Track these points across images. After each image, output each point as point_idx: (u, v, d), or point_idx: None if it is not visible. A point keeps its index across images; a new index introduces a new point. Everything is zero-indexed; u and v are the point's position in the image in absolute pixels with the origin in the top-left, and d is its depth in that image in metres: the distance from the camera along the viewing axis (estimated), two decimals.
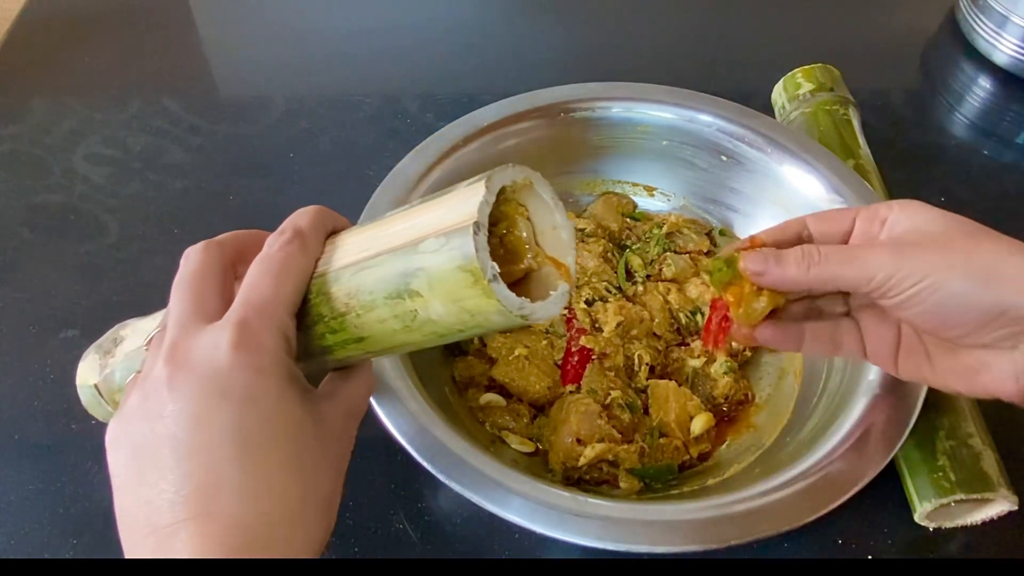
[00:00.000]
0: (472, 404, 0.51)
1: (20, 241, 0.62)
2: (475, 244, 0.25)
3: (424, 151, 0.54)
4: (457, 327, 0.28)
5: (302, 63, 0.77)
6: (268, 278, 0.30)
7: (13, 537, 0.46)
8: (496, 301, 0.26)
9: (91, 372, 0.43)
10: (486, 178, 0.26)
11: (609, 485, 0.48)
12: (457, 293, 0.26)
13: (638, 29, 0.82)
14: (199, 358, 0.28)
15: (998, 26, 0.74)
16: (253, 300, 0.29)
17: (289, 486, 0.28)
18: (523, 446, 0.49)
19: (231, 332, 0.28)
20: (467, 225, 0.26)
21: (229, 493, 0.27)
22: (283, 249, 0.30)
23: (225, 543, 0.27)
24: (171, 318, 0.30)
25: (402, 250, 0.28)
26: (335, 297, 0.30)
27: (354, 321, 0.30)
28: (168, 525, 0.27)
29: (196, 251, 0.32)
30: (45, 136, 0.69)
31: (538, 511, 0.40)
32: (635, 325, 0.53)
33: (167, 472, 0.28)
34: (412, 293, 0.27)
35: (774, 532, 0.39)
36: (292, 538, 0.28)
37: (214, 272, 0.31)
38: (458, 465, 0.41)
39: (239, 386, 0.28)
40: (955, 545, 0.47)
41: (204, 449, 0.28)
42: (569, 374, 0.50)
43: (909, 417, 0.44)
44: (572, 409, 0.48)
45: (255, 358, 0.28)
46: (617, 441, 0.47)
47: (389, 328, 0.29)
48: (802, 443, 0.45)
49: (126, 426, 0.30)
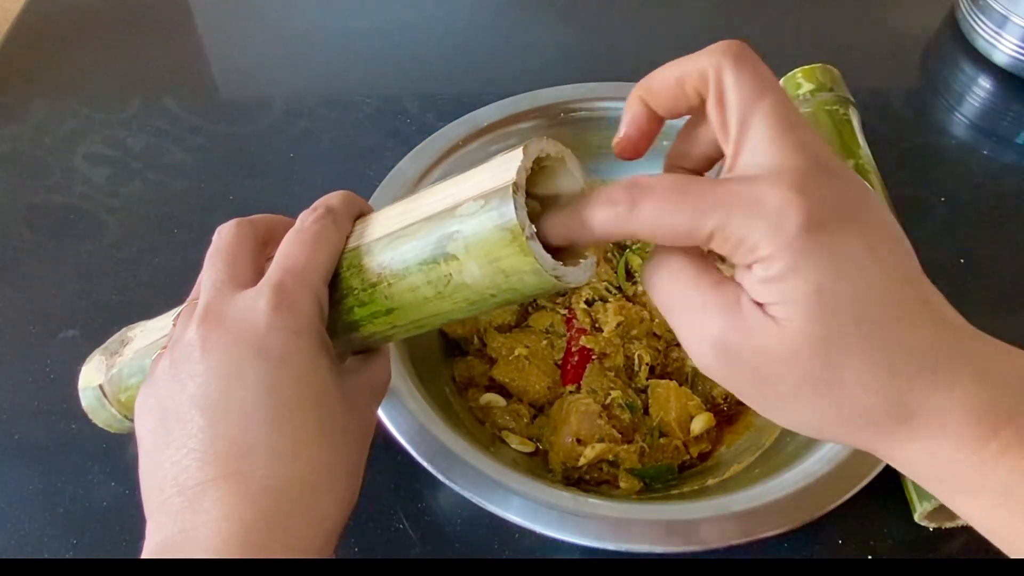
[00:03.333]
0: (472, 404, 0.51)
1: (20, 241, 0.62)
2: (514, 203, 0.26)
3: (424, 151, 0.54)
4: (490, 291, 0.28)
5: (302, 63, 0.77)
6: (303, 248, 0.30)
7: (13, 537, 0.46)
8: (533, 259, 0.26)
9: (96, 373, 0.43)
10: (523, 146, 0.27)
11: (609, 485, 0.48)
12: (494, 253, 0.27)
13: (638, 29, 0.82)
14: (236, 319, 0.29)
15: (998, 26, 0.74)
16: (289, 266, 0.30)
17: (320, 450, 0.28)
18: (523, 446, 0.49)
19: (269, 294, 0.29)
20: (506, 186, 0.26)
21: (262, 453, 0.27)
22: (316, 223, 0.31)
23: (256, 503, 0.27)
24: (205, 285, 0.31)
25: (438, 216, 0.28)
26: (367, 268, 0.30)
27: (385, 291, 0.30)
28: (197, 484, 0.27)
29: (229, 226, 0.33)
30: (45, 136, 0.69)
31: (538, 511, 0.40)
32: (635, 325, 0.53)
33: (197, 431, 0.28)
34: (448, 257, 0.28)
35: (774, 532, 0.39)
36: (321, 502, 0.28)
37: (247, 245, 0.32)
38: (458, 465, 0.41)
39: (275, 346, 0.28)
40: (955, 545, 0.47)
41: (237, 409, 0.28)
42: (569, 374, 0.50)
43: None
44: (572, 409, 0.48)
45: (292, 320, 0.28)
46: (617, 441, 0.47)
47: (420, 296, 0.29)
48: (801, 444, 0.45)
49: (155, 390, 0.30)
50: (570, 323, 0.52)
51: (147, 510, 0.29)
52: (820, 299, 0.23)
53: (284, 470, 0.27)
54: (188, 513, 0.27)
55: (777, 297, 0.23)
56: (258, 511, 0.27)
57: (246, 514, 0.26)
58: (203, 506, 0.27)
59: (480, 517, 0.47)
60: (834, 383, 0.24)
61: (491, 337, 0.52)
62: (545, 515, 0.40)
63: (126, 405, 0.43)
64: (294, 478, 0.27)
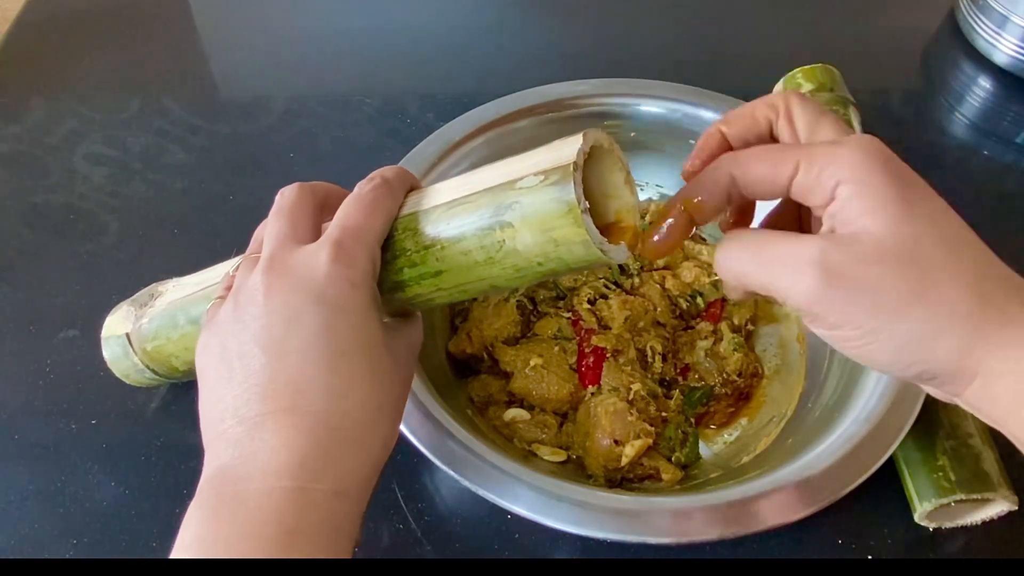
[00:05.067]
0: (496, 423, 0.50)
1: (20, 241, 0.62)
2: (573, 179, 0.29)
3: (424, 151, 0.54)
4: (537, 259, 0.31)
5: (302, 63, 0.77)
6: (360, 211, 0.33)
7: (13, 537, 0.46)
8: (584, 231, 0.29)
9: (123, 322, 0.45)
10: (583, 133, 0.30)
11: (651, 480, 0.48)
12: (549, 223, 0.30)
13: (638, 28, 0.82)
14: (297, 268, 0.31)
15: (998, 26, 0.74)
16: (348, 226, 0.32)
17: (369, 392, 0.31)
18: (556, 456, 0.48)
19: (329, 248, 0.31)
20: (568, 164, 0.29)
21: (318, 390, 0.30)
22: (373, 190, 0.34)
23: (312, 434, 0.29)
24: (268, 238, 0.33)
25: (499, 188, 0.31)
26: (422, 232, 0.33)
27: (437, 254, 0.33)
28: (257, 415, 0.30)
29: (291, 188, 0.35)
30: (45, 136, 0.69)
31: (547, 504, 0.40)
32: (641, 317, 0.52)
33: (259, 368, 0.30)
34: (504, 224, 0.31)
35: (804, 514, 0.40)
36: (368, 438, 0.31)
37: (307, 206, 0.35)
38: (463, 456, 0.41)
39: (333, 295, 0.31)
40: (955, 545, 0.47)
41: (297, 348, 0.30)
42: (587, 375, 0.50)
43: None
44: (601, 411, 0.47)
45: (350, 273, 0.31)
46: (650, 434, 0.47)
47: (471, 260, 0.32)
48: (826, 406, 0.46)
49: (218, 330, 0.32)
50: (577, 325, 0.52)
51: (206, 440, 0.31)
52: (904, 205, 0.27)
53: (338, 406, 0.30)
54: (247, 441, 0.29)
55: (865, 207, 0.27)
56: (313, 441, 0.29)
57: (302, 443, 0.29)
58: (262, 435, 0.29)
59: (482, 517, 0.47)
60: (927, 283, 0.27)
61: (501, 352, 0.51)
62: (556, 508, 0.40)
63: (151, 355, 0.44)
64: (346, 414, 0.30)
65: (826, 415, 0.45)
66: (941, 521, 0.46)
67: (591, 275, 0.55)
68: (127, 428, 0.51)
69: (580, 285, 0.54)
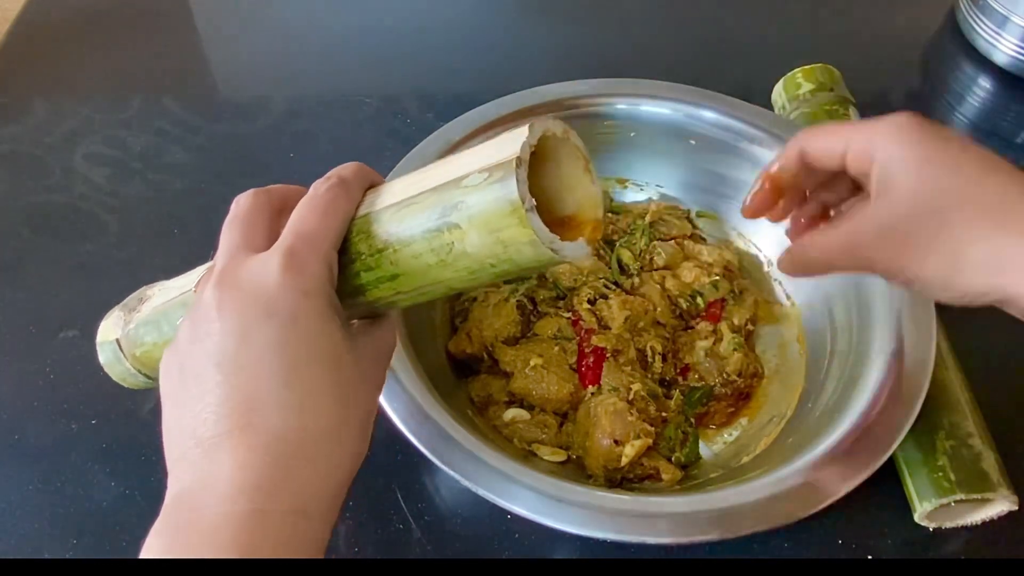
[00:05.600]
0: (496, 423, 0.50)
1: (20, 241, 0.62)
2: (516, 176, 0.28)
3: (424, 151, 0.54)
4: (489, 261, 0.29)
5: (302, 63, 0.77)
6: (315, 214, 0.32)
7: (13, 537, 0.46)
8: (531, 231, 0.28)
9: (114, 328, 0.44)
10: (529, 124, 0.29)
11: (651, 480, 0.48)
12: (495, 223, 0.28)
13: (638, 27, 0.82)
14: (248, 280, 0.30)
15: (998, 26, 0.74)
16: (301, 231, 0.31)
17: (329, 404, 0.30)
18: (556, 456, 0.48)
19: (280, 257, 0.30)
20: (510, 160, 0.28)
21: (272, 407, 0.29)
22: (329, 191, 0.33)
23: (268, 453, 0.28)
24: (221, 251, 0.33)
25: (444, 187, 0.30)
26: (375, 235, 0.32)
27: (391, 257, 0.31)
28: (213, 436, 0.29)
29: (246, 196, 0.35)
30: (45, 136, 0.69)
31: (547, 504, 0.40)
32: (641, 317, 0.52)
33: (213, 387, 0.29)
34: (451, 226, 0.29)
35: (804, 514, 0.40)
36: (331, 452, 0.30)
37: (263, 213, 0.34)
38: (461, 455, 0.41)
39: (285, 306, 0.30)
40: (955, 545, 0.47)
41: (249, 364, 0.29)
42: (587, 375, 0.50)
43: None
44: (601, 411, 0.47)
45: (301, 281, 0.30)
46: (650, 435, 0.47)
47: (424, 263, 0.31)
48: (825, 408, 0.46)
49: (176, 349, 0.32)
50: (577, 325, 0.52)
51: (168, 464, 0.30)
52: (928, 164, 0.33)
53: (295, 422, 0.29)
54: (205, 463, 0.28)
55: (896, 170, 0.34)
56: (270, 460, 0.28)
57: (258, 462, 0.28)
58: (219, 456, 0.28)
59: (481, 517, 0.47)
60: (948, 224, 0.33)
61: (502, 352, 0.51)
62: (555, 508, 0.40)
63: (140, 360, 0.44)
64: (303, 429, 0.29)
65: (826, 415, 0.45)
66: (941, 521, 0.46)
67: (591, 274, 0.55)
68: (127, 428, 0.51)
69: (580, 285, 0.54)
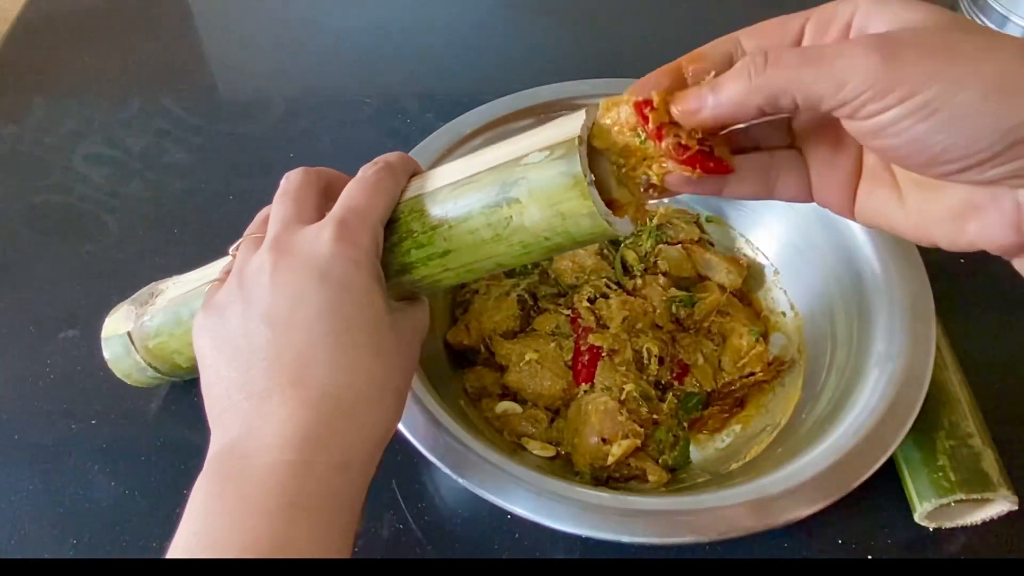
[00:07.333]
0: (488, 414, 0.50)
1: (20, 241, 0.62)
2: (579, 152, 0.29)
3: (424, 151, 0.54)
4: (544, 234, 0.31)
5: (302, 63, 0.77)
6: (364, 192, 0.34)
7: (13, 537, 0.46)
8: (590, 203, 0.30)
9: (123, 321, 0.45)
10: (585, 109, 0.31)
11: (638, 480, 0.48)
12: (555, 197, 0.30)
13: (637, 27, 0.82)
14: (302, 247, 0.32)
15: (998, 26, 0.74)
16: (351, 206, 0.33)
17: (374, 367, 0.32)
18: (544, 451, 0.49)
19: (333, 227, 0.32)
20: (572, 138, 0.30)
21: (324, 364, 0.30)
22: (376, 173, 0.34)
23: (317, 407, 0.30)
24: (273, 219, 0.34)
25: (504, 165, 0.31)
26: (429, 213, 0.33)
27: (444, 233, 0.33)
28: (264, 389, 0.30)
29: (297, 172, 0.36)
30: (45, 136, 0.69)
31: (547, 504, 0.40)
32: (639, 318, 0.52)
33: (264, 343, 0.31)
34: (511, 201, 0.31)
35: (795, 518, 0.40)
36: (372, 412, 0.31)
37: (312, 189, 0.36)
38: (463, 457, 0.41)
39: (337, 273, 0.31)
40: (955, 545, 0.47)
41: (302, 324, 0.31)
42: (581, 373, 0.50)
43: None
44: (592, 409, 0.47)
45: (352, 251, 0.32)
46: (639, 436, 0.47)
47: (479, 238, 0.33)
48: (818, 418, 0.46)
49: (220, 310, 0.33)
50: (575, 322, 0.52)
51: (211, 417, 0.32)
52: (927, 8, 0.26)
53: (342, 380, 0.31)
54: (254, 414, 0.30)
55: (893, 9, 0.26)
56: (317, 414, 0.30)
57: (307, 416, 0.29)
58: (269, 408, 0.30)
59: (481, 517, 0.47)
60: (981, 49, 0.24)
61: (499, 345, 0.52)
62: (554, 508, 0.40)
63: (153, 352, 0.44)
64: (350, 388, 0.31)
65: (817, 427, 0.45)
66: (941, 521, 0.46)
67: (593, 273, 0.55)
68: (127, 428, 0.51)
69: (582, 283, 0.54)
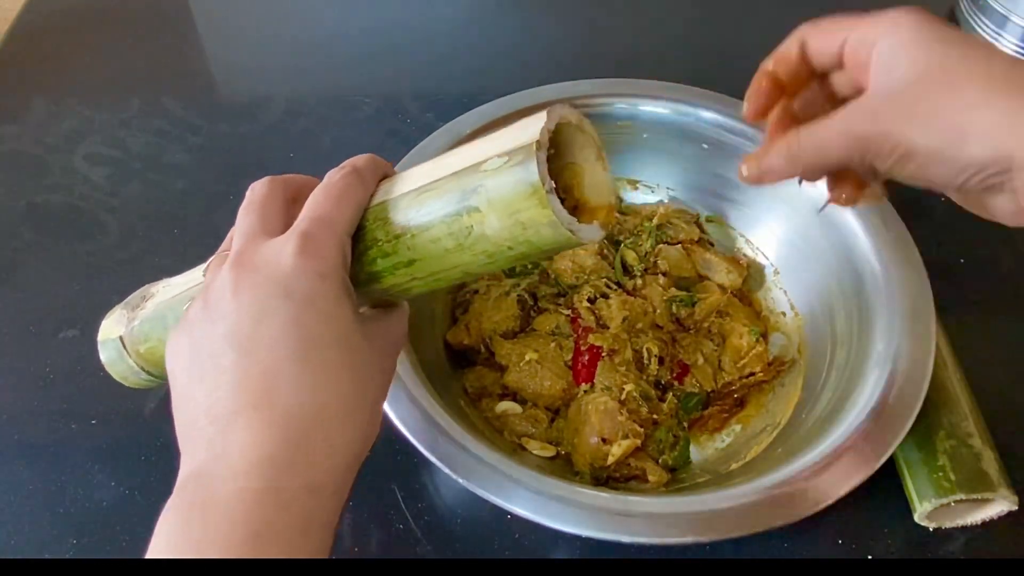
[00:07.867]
0: (488, 414, 0.50)
1: (20, 241, 0.62)
2: (536, 159, 0.28)
3: (424, 151, 0.54)
4: (507, 243, 0.30)
5: (302, 63, 0.77)
6: (330, 200, 0.33)
7: (13, 537, 0.46)
8: (550, 211, 0.28)
9: (116, 325, 0.44)
10: (547, 111, 0.30)
11: (638, 480, 0.48)
12: (515, 206, 0.29)
13: (638, 27, 0.82)
14: (264, 263, 0.31)
15: (998, 26, 0.74)
16: (316, 216, 0.32)
17: (343, 384, 0.30)
18: (544, 451, 0.49)
19: (296, 240, 0.31)
20: (530, 143, 0.28)
21: (288, 384, 0.29)
22: (343, 179, 0.33)
23: (283, 429, 0.29)
24: (237, 234, 0.33)
25: (463, 172, 0.30)
26: (392, 221, 0.32)
27: (408, 243, 0.32)
28: (229, 413, 0.29)
29: (261, 182, 0.36)
30: (45, 136, 0.69)
31: (547, 504, 0.40)
32: (640, 318, 0.53)
33: (228, 365, 0.30)
34: (470, 209, 0.30)
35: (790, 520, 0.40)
36: (343, 430, 0.30)
37: (277, 199, 0.35)
38: (462, 456, 0.41)
39: (301, 288, 0.30)
40: (955, 545, 0.47)
41: (266, 344, 0.30)
42: (581, 373, 0.50)
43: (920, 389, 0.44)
44: (591, 409, 0.47)
45: (317, 264, 0.31)
46: (639, 436, 0.47)
47: (442, 248, 0.31)
48: (818, 418, 0.46)
49: (188, 330, 0.32)
50: (575, 322, 0.52)
51: (181, 442, 0.31)
52: (929, 45, 0.34)
53: (308, 399, 0.29)
54: (219, 439, 0.29)
55: (896, 53, 0.33)
56: (283, 436, 0.29)
57: (272, 438, 0.28)
58: (234, 432, 0.29)
59: (481, 517, 0.47)
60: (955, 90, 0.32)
61: (498, 345, 0.52)
62: (553, 508, 0.40)
63: (145, 357, 0.44)
64: (317, 406, 0.30)
65: (817, 427, 0.45)
66: (941, 521, 0.46)
67: (593, 273, 0.55)
68: (127, 428, 0.51)
69: (582, 283, 0.54)
